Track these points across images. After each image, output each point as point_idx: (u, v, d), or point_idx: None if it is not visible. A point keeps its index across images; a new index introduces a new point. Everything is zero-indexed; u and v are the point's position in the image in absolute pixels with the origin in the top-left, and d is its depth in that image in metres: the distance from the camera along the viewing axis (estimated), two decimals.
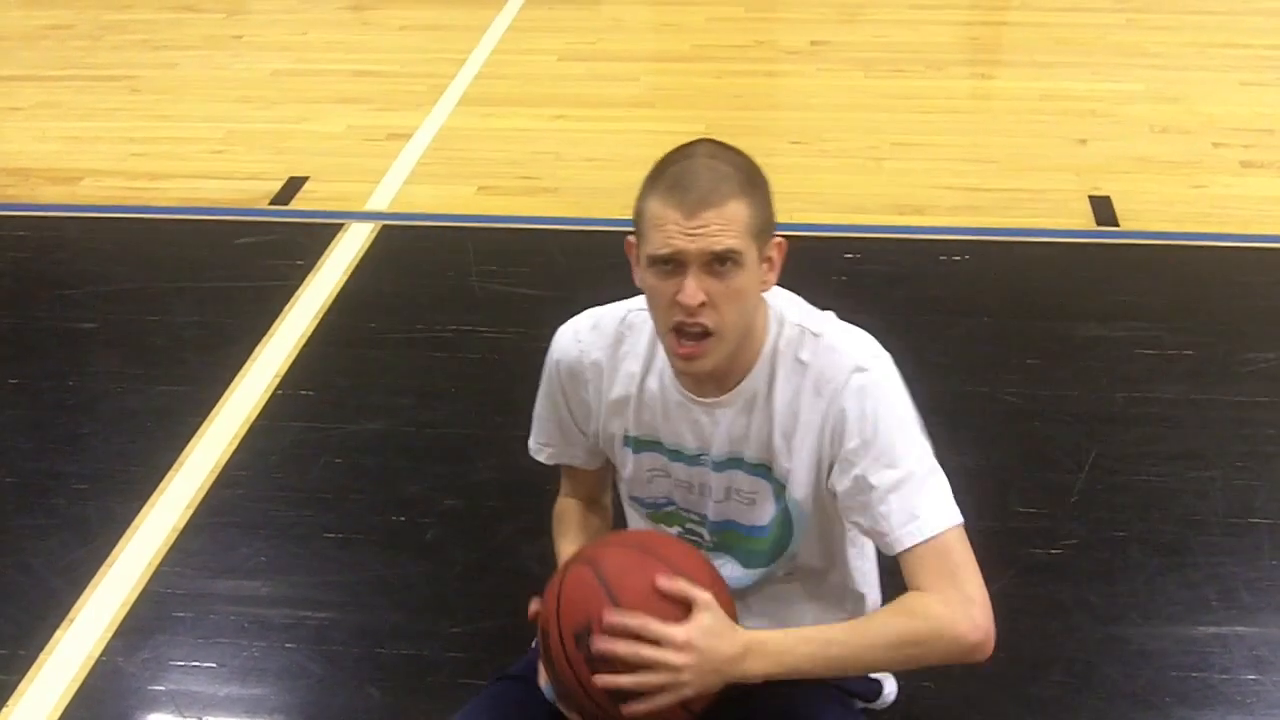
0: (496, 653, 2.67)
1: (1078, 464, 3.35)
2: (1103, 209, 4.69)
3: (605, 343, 2.08)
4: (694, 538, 2.17)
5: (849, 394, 1.92)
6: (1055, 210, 4.72)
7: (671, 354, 1.92)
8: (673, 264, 1.83)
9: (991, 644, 1.86)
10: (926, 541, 1.88)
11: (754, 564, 2.14)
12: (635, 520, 2.27)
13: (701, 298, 1.82)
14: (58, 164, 5.35)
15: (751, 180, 1.86)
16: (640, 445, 2.11)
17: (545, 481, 2.37)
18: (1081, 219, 4.64)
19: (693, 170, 1.84)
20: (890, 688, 2.33)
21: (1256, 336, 3.90)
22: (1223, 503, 3.23)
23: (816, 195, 4.86)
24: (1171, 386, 3.68)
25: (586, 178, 5.04)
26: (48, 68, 6.46)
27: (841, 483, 1.94)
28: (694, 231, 1.80)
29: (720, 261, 1.81)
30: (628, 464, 2.15)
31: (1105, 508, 3.22)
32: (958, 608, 1.84)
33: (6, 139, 5.63)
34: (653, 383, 2.05)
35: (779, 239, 1.91)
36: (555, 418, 2.20)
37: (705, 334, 1.86)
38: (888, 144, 5.27)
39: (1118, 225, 4.59)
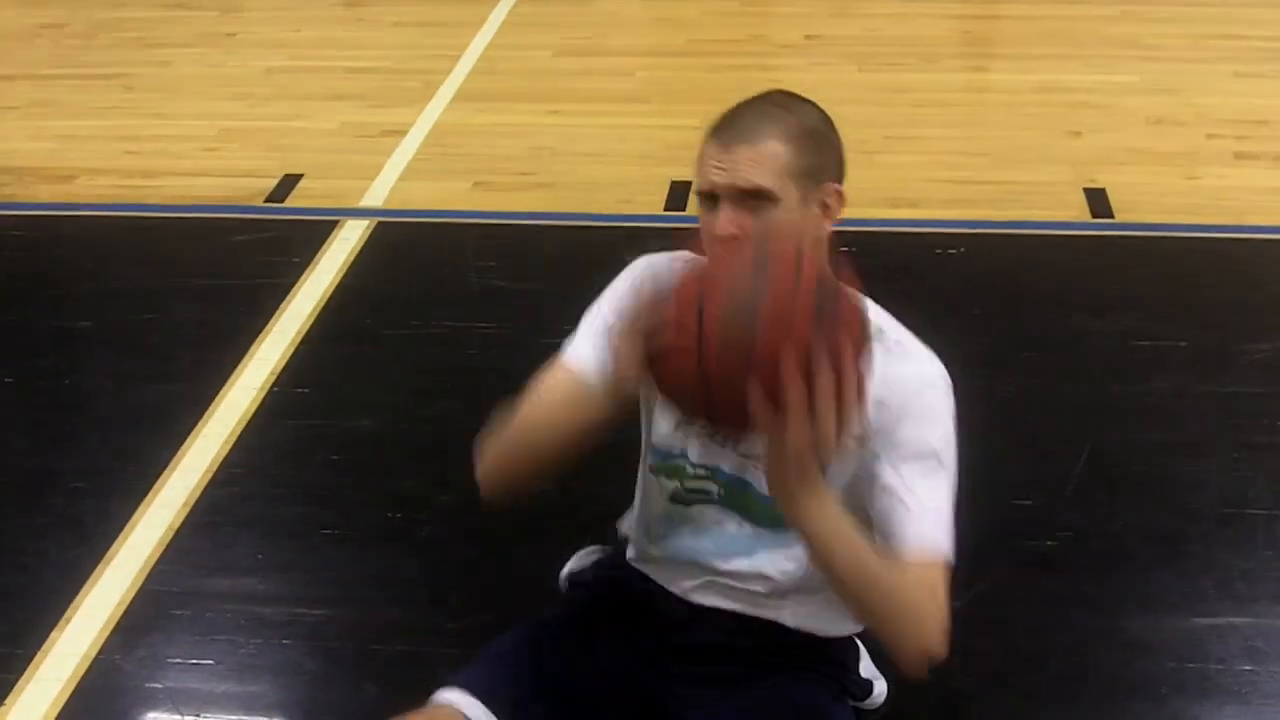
0: None
1: (1073, 456, 3.36)
2: (1097, 201, 4.69)
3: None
4: (696, 494, 2.08)
5: (920, 393, 1.90)
6: (1050, 202, 4.72)
7: None
8: (710, 197, 1.85)
9: (930, 661, 1.84)
10: (930, 562, 1.85)
11: (761, 523, 2.06)
12: (643, 480, 2.19)
13: (733, 230, 1.82)
14: (52, 162, 5.35)
15: (804, 128, 1.88)
16: None
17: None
18: (1076, 211, 4.65)
19: (744, 111, 1.89)
20: (880, 688, 2.34)
21: (1252, 327, 3.91)
22: (1218, 494, 3.24)
23: None
24: (1167, 378, 3.69)
25: (582, 173, 5.04)
26: (42, 66, 6.45)
27: (878, 470, 1.89)
28: (725, 164, 1.83)
29: (752, 197, 1.82)
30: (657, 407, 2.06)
31: (1101, 499, 3.23)
32: (939, 621, 1.82)
33: (0, 137, 5.62)
34: None
35: (838, 187, 1.91)
36: (605, 318, 2.02)
37: None
38: (881, 137, 5.27)
39: (1112, 217, 4.60)
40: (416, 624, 2.92)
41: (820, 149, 1.89)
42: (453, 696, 2.02)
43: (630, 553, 2.27)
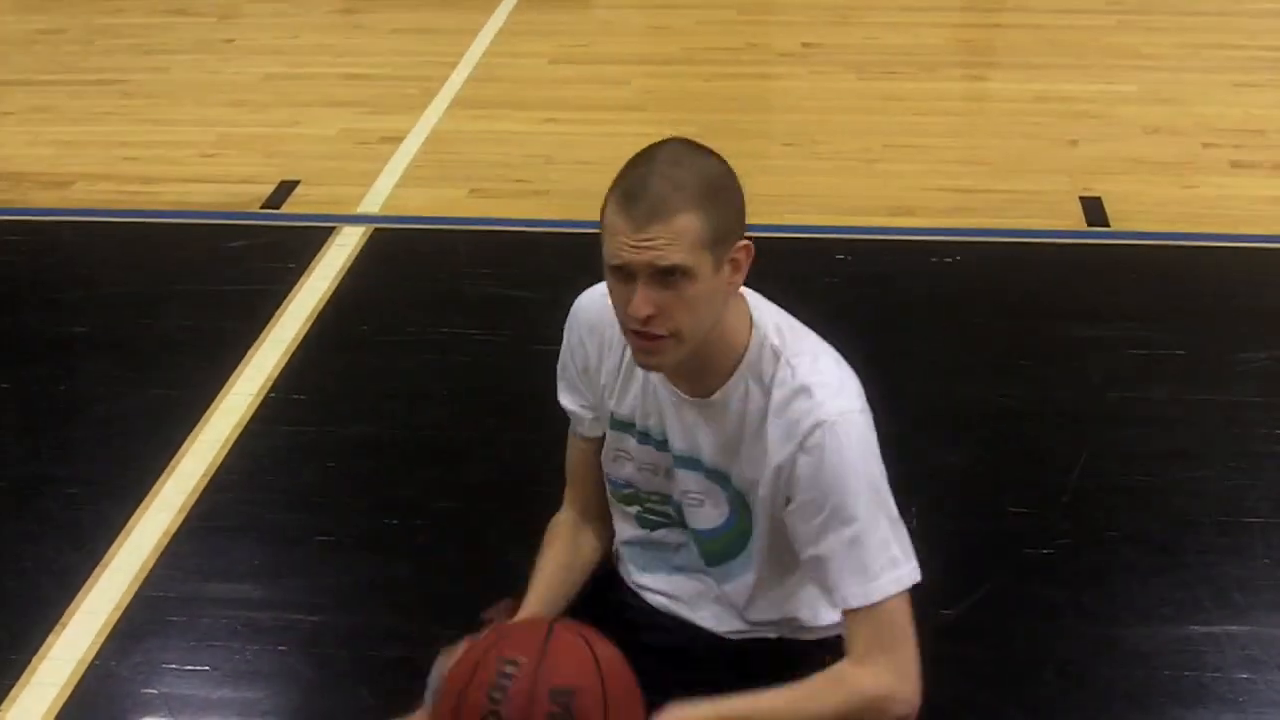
0: None
1: (1070, 464, 3.35)
2: (1094, 210, 4.69)
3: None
4: (659, 518, 2.16)
5: (810, 447, 1.89)
6: (1047, 211, 4.72)
7: (633, 354, 1.92)
8: (623, 274, 1.82)
9: (916, 713, 1.91)
10: (870, 607, 1.89)
11: (712, 562, 2.13)
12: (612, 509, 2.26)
13: (649, 310, 1.80)
14: (49, 168, 5.34)
15: (712, 188, 1.82)
16: (617, 424, 2.11)
17: (537, 484, 2.37)
18: (1073, 220, 4.65)
19: (647, 179, 1.79)
20: None
21: (1248, 336, 3.91)
22: (1215, 502, 3.24)
23: (808, 197, 4.86)
24: (1163, 386, 3.69)
25: (578, 180, 5.04)
26: (39, 72, 6.45)
27: (796, 527, 1.94)
28: (641, 244, 1.78)
29: (668, 274, 1.78)
30: (607, 440, 2.15)
31: (1098, 508, 3.22)
32: (893, 684, 1.89)
33: None
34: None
35: (745, 242, 1.87)
36: (572, 372, 2.17)
37: (660, 336, 1.84)
38: (879, 146, 5.28)
39: (1109, 226, 4.60)
40: (412, 630, 2.90)
41: (726, 206, 1.83)
42: None
43: (622, 570, 2.29)
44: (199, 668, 2.84)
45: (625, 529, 2.24)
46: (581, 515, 2.28)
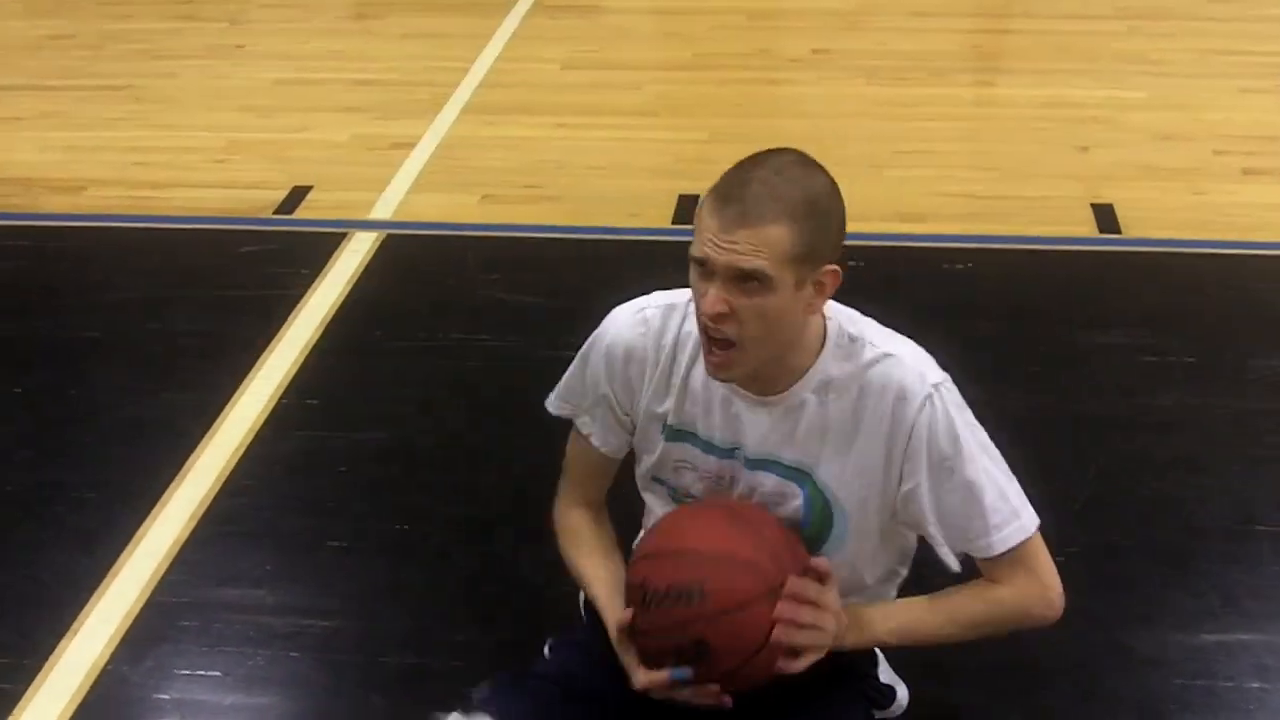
0: (500, 661, 2.67)
1: (1081, 472, 3.35)
2: (1105, 216, 4.69)
3: (660, 328, 2.09)
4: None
5: (925, 411, 1.96)
6: (1057, 218, 4.72)
7: (704, 352, 1.95)
8: (704, 268, 1.85)
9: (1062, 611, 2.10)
10: (1010, 551, 2.01)
11: None
12: (655, 503, 2.25)
13: (721, 308, 1.83)
14: (60, 173, 5.36)
15: (810, 205, 1.83)
16: (675, 435, 2.11)
17: (548, 490, 2.36)
18: (1084, 226, 4.65)
19: (747, 184, 1.82)
20: (903, 693, 2.34)
21: (1259, 344, 3.91)
22: (1226, 510, 3.23)
23: None
24: (1174, 394, 3.68)
25: (589, 186, 5.05)
26: (49, 77, 6.47)
27: (913, 502, 2.00)
28: (724, 245, 1.80)
29: (746, 279, 1.81)
30: (656, 451, 2.15)
31: (1109, 515, 3.22)
32: (1038, 599, 2.06)
33: (9, 148, 5.64)
34: (699, 372, 2.04)
35: (835, 267, 1.89)
36: (594, 394, 2.17)
37: (729, 343, 1.87)
38: (890, 151, 5.28)
39: (1120, 232, 4.60)
40: (424, 636, 2.92)
41: (823, 228, 1.85)
42: None
43: None
44: (211, 673, 2.85)
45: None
46: (590, 507, 2.30)
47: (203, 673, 2.85)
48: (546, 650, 2.26)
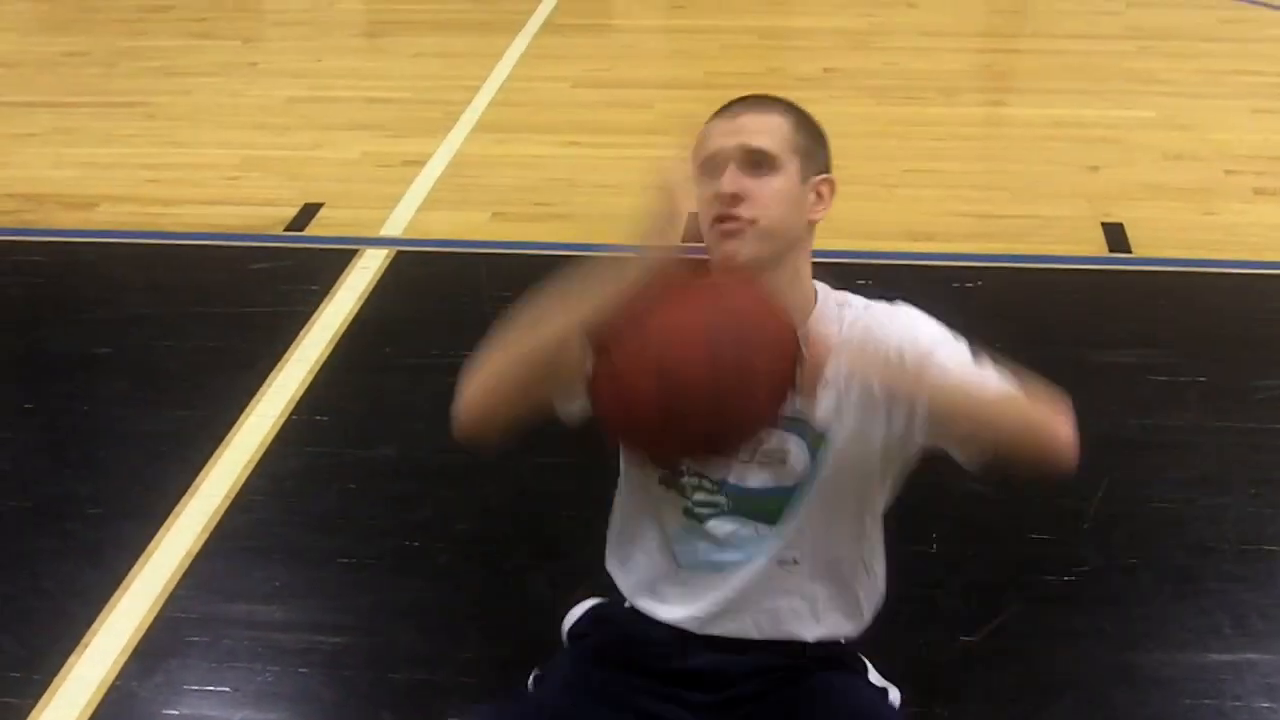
0: (509, 677, 2.67)
1: (1090, 490, 3.35)
2: (1115, 236, 4.69)
3: None
4: (706, 508, 2.13)
5: (913, 322, 2.13)
6: (1067, 237, 4.72)
7: (712, 251, 1.97)
8: (714, 164, 1.93)
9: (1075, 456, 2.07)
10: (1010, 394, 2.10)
11: (760, 518, 2.11)
12: (635, 480, 2.22)
13: (735, 188, 1.91)
14: (73, 189, 5.38)
15: (803, 114, 2.02)
16: None
17: (558, 506, 2.37)
18: (1094, 246, 4.65)
19: (745, 98, 2.02)
20: (895, 696, 2.33)
21: (1269, 363, 3.90)
22: (1235, 530, 3.23)
23: (828, 222, 4.78)
24: (1184, 413, 3.68)
25: (600, 204, 5.06)
26: (63, 94, 6.50)
27: (925, 371, 2.07)
28: (730, 130, 1.96)
29: (756, 161, 1.91)
30: None
31: (1118, 534, 3.22)
32: (1058, 413, 2.10)
33: (23, 164, 5.66)
34: None
35: (831, 178, 2.04)
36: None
37: (744, 222, 1.93)
38: (900, 171, 5.29)
39: (1130, 252, 4.60)
40: (433, 652, 2.92)
41: (816, 137, 2.03)
42: None
43: (629, 591, 2.27)
44: (220, 689, 2.85)
45: (668, 522, 2.18)
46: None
47: (212, 688, 2.85)
48: (531, 682, 2.26)
